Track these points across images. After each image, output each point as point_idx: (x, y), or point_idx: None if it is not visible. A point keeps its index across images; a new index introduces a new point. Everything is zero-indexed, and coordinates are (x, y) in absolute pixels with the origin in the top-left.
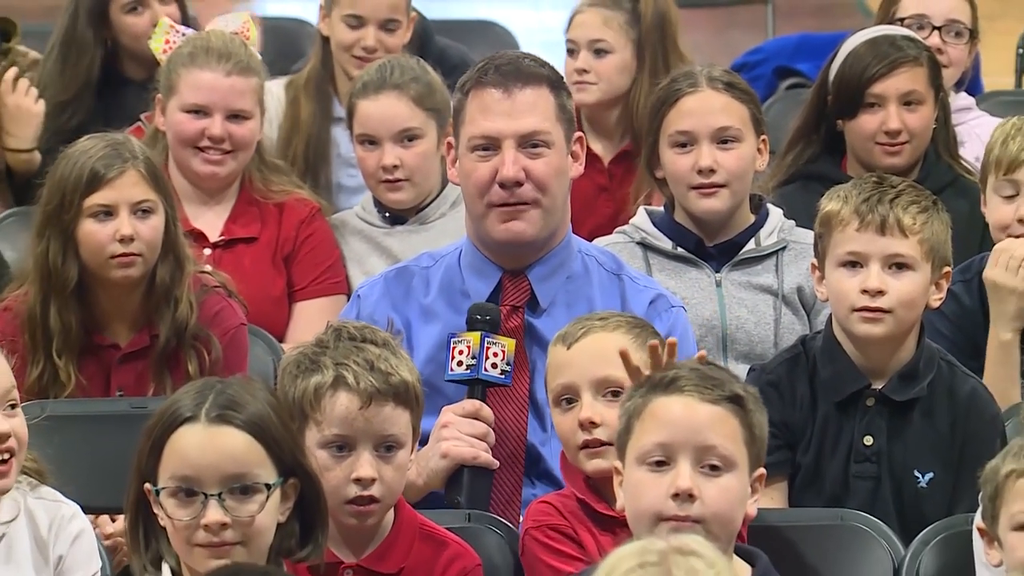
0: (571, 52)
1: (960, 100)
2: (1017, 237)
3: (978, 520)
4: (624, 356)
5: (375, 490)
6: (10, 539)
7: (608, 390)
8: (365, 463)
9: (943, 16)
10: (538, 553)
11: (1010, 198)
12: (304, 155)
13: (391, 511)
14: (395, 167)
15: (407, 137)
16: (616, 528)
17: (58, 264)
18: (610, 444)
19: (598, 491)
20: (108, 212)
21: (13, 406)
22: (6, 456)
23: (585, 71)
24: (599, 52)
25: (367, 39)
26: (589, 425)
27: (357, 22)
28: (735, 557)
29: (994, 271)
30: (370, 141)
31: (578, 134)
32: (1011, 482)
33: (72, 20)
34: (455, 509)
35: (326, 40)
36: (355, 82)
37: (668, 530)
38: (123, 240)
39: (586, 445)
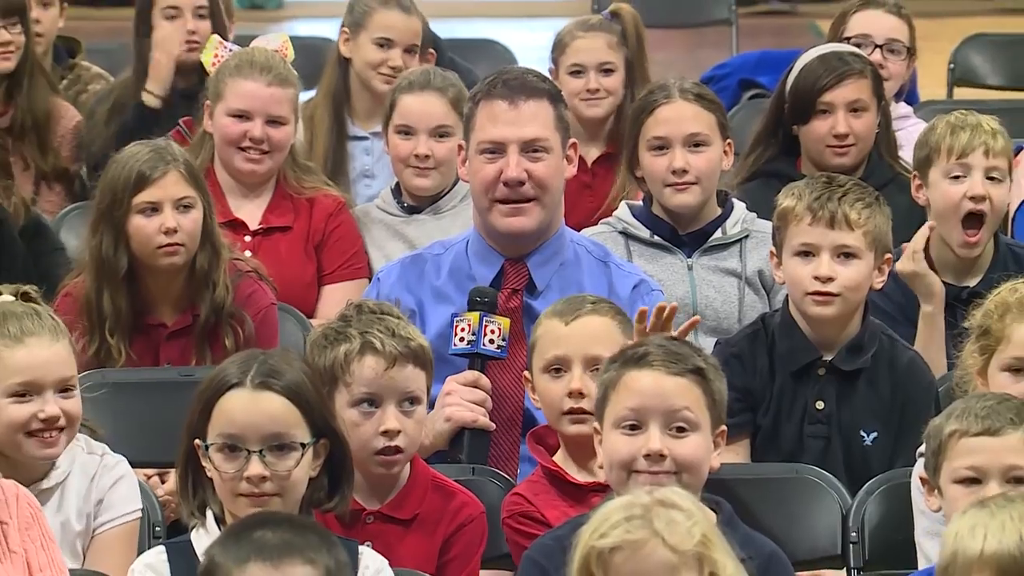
0: (576, 73)
1: (899, 109)
2: (967, 215)
3: (920, 471)
4: None
5: (400, 441)
6: (63, 491)
7: (595, 367)
8: (391, 417)
9: (884, 36)
10: (514, 538)
11: (958, 178)
12: (322, 169)
13: (407, 465)
14: (427, 156)
15: (440, 133)
16: (582, 496)
17: (110, 254)
18: (591, 413)
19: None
20: (154, 208)
21: (68, 390)
22: (55, 432)
23: (597, 90)
24: (607, 71)
25: (394, 60)
26: (578, 395)
27: (387, 44)
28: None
29: (900, 263)
30: (407, 131)
31: (572, 140)
32: (954, 441)
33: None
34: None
35: (344, 61)
36: (400, 80)
37: (641, 483)
38: (167, 232)
39: (571, 412)
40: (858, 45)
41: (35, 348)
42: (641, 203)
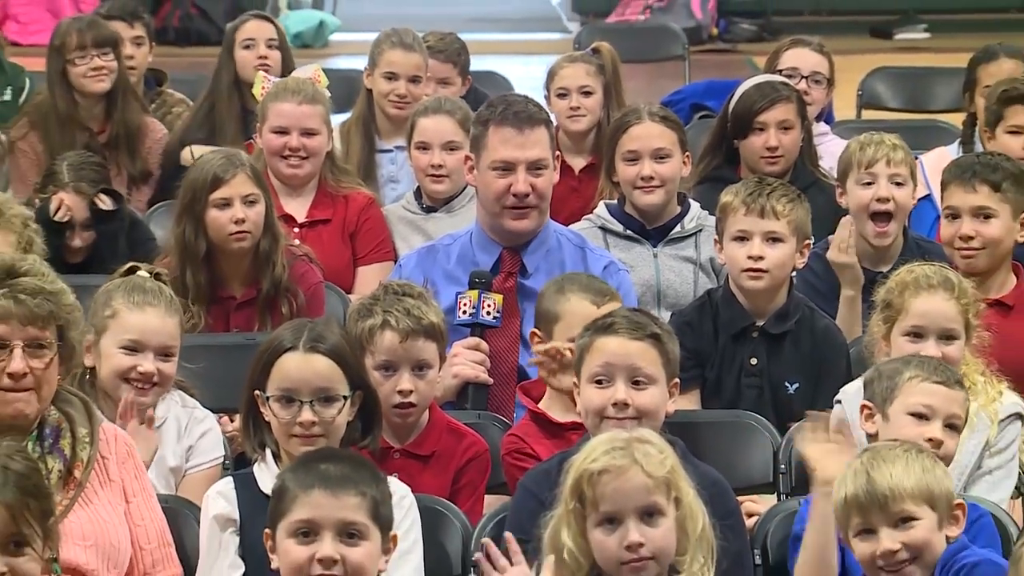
0: (562, 95)
1: (819, 127)
2: (872, 215)
3: (863, 400)
4: None
5: (412, 398)
6: (160, 434)
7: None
8: (405, 380)
9: (810, 69)
10: (511, 471)
11: (868, 184)
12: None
13: (426, 411)
14: (440, 166)
15: (451, 147)
16: (562, 433)
17: (191, 240)
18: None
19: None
20: (226, 203)
21: (167, 355)
22: (148, 386)
23: (578, 108)
24: (586, 93)
25: (399, 89)
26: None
27: (392, 77)
28: None
29: (832, 254)
30: (424, 147)
31: (557, 152)
32: (914, 383)
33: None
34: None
35: (369, 91)
36: (418, 106)
37: (610, 428)
38: (237, 222)
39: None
40: (789, 76)
41: (150, 316)
42: (616, 203)
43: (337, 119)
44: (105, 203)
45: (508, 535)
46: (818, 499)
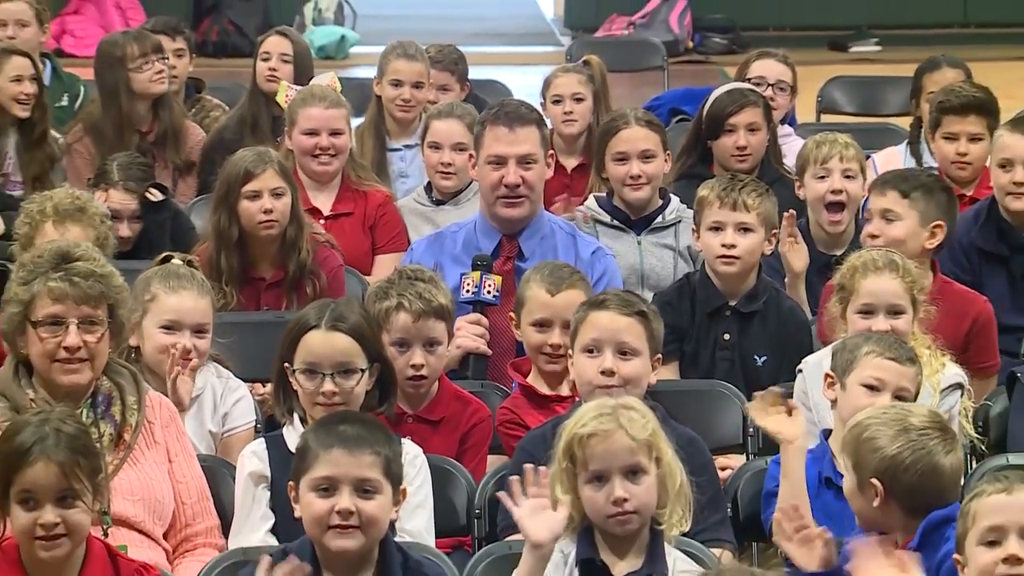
0: (556, 102)
1: (783, 129)
2: (826, 205)
3: (827, 370)
4: None
5: (423, 372)
6: (200, 402)
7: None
8: (417, 355)
9: (775, 78)
10: (505, 439)
11: (823, 178)
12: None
13: (436, 382)
14: (449, 164)
15: (459, 148)
16: (548, 404)
17: (226, 227)
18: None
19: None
20: (256, 195)
21: (202, 332)
22: (185, 361)
23: (571, 112)
24: (578, 100)
25: (404, 94)
26: (556, 347)
27: (397, 83)
28: None
29: (780, 246)
30: (436, 146)
31: (551, 151)
32: (869, 357)
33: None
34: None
35: (379, 97)
36: (432, 110)
37: (598, 395)
38: (266, 212)
39: (547, 353)
40: (756, 84)
41: (185, 298)
42: (605, 197)
43: (354, 123)
44: (155, 195)
45: (542, 470)
46: (789, 456)
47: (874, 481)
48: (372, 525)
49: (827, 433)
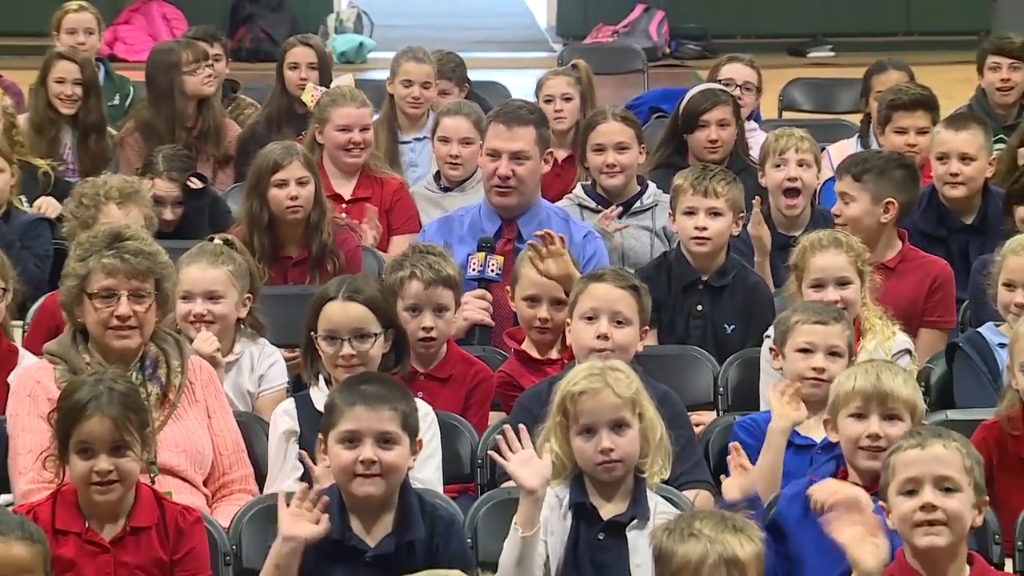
0: (548, 101)
1: (749, 124)
2: (784, 191)
3: (769, 345)
4: None
5: (433, 334)
6: (239, 365)
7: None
8: (427, 319)
9: (743, 79)
10: (503, 400)
11: (780, 167)
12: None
13: (445, 344)
14: (457, 156)
15: (466, 142)
16: (541, 368)
17: (257, 212)
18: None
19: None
20: (284, 183)
21: (215, 298)
22: (202, 325)
23: (560, 111)
24: (567, 99)
25: (414, 93)
26: (544, 320)
27: (408, 83)
28: None
29: (749, 227)
30: (445, 140)
31: (548, 150)
32: (799, 325)
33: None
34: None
35: (391, 96)
36: (442, 107)
37: (593, 358)
38: (292, 198)
39: (536, 327)
40: (727, 85)
41: (193, 269)
42: (590, 184)
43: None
44: (195, 184)
45: (521, 427)
46: (776, 433)
47: None
48: (392, 472)
49: None
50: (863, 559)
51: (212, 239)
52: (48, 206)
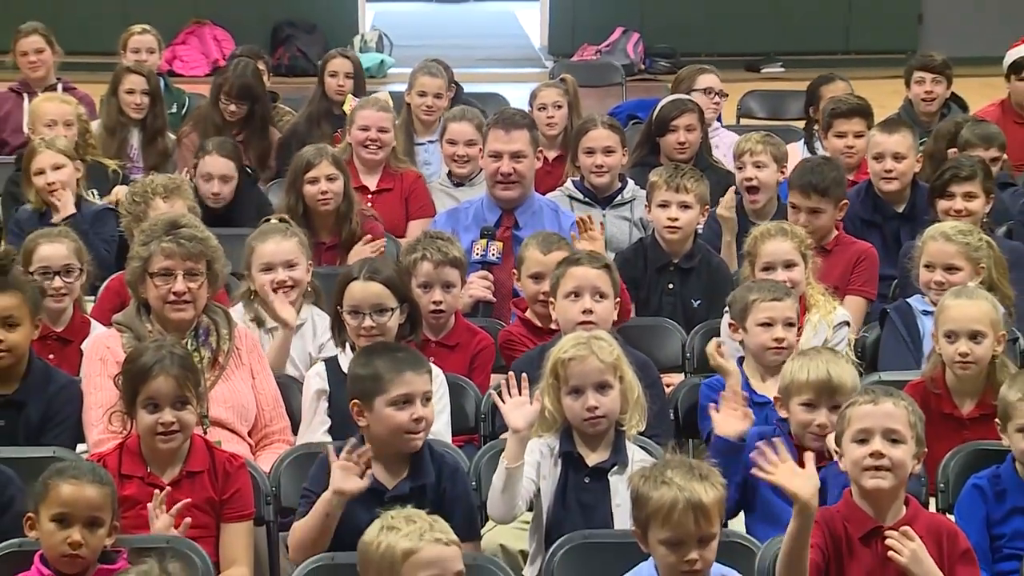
0: (541, 109)
1: (714, 126)
2: (746, 189)
3: (728, 320)
4: None
5: (442, 307)
6: (303, 330)
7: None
8: (437, 294)
9: (717, 87)
10: (506, 354)
11: (741, 168)
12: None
13: (452, 316)
14: (463, 156)
15: (470, 143)
16: (540, 333)
17: (293, 205)
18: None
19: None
20: (315, 180)
21: (293, 266)
22: (286, 289)
23: (552, 118)
24: (557, 107)
25: (428, 102)
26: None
27: (423, 94)
28: None
29: (719, 209)
30: (452, 142)
31: (540, 148)
32: (757, 303)
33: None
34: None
35: (408, 104)
36: (448, 113)
37: (578, 330)
38: (323, 192)
39: (540, 301)
40: (706, 92)
41: (269, 243)
42: (578, 180)
43: None
44: (250, 170)
45: (524, 375)
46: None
47: None
48: (430, 426)
49: (740, 359)
50: (799, 491)
51: (268, 219)
52: (122, 194)
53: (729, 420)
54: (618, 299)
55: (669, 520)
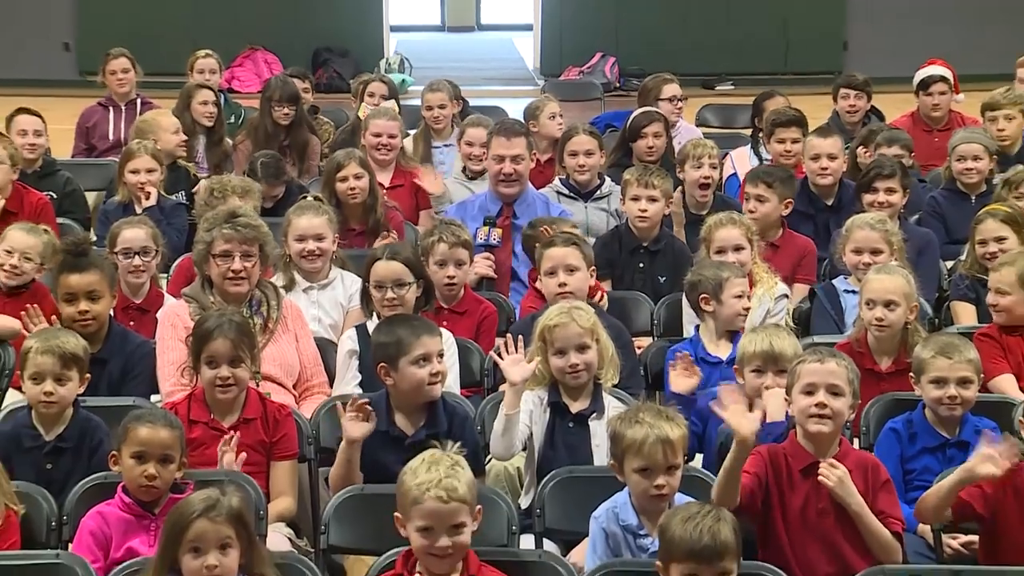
0: (552, 117)
1: (677, 126)
2: (700, 185)
3: (702, 294)
4: None
5: (454, 280)
6: (333, 284)
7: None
8: (451, 270)
9: (681, 95)
10: (523, 312)
11: (697, 168)
12: (421, 162)
13: (462, 288)
14: (479, 156)
15: (483, 146)
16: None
17: (327, 198)
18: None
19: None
20: (345, 178)
21: (321, 239)
22: (313, 256)
23: (560, 125)
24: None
25: (434, 114)
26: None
27: (429, 107)
28: None
29: (674, 207)
30: (470, 144)
31: (533, 151)
32: (730, 280)
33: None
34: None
35: (423, 118)
36: (466, 121)
37: (559, 301)
38: (351, 188)
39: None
40: (671, 99)
41: (303, 219)
42: (564, 178)
43: (411, 131)
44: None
45: (520, 337)
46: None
47: None
48: (446, 378)
49: (697, 326)
50: (740, 428)
51: (304, 197)
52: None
53: (680, 379)
54: (592, 268)
55: (641, 452)
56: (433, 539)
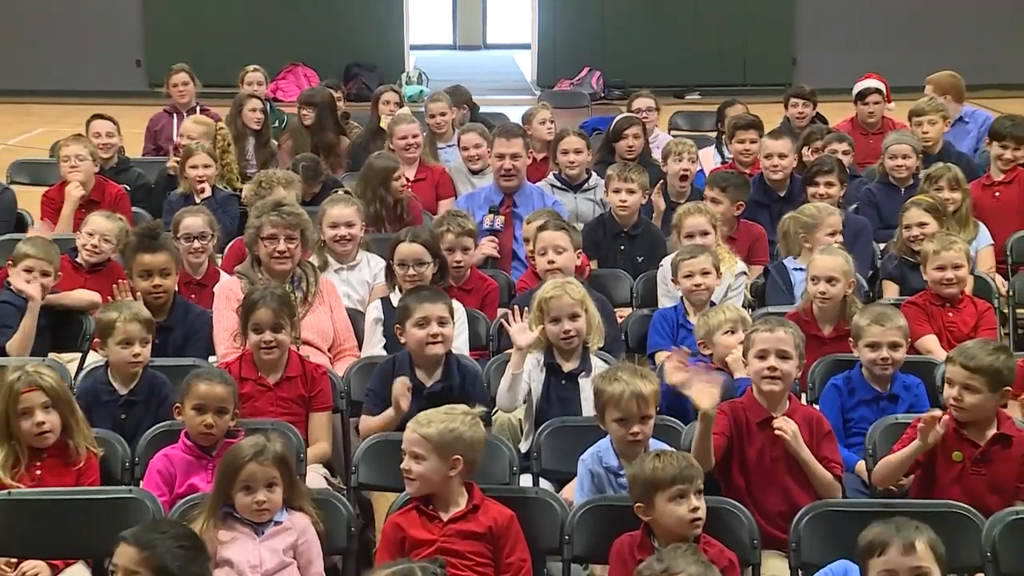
0: (542, 122)
1: (654, 134)
2: (680, 177)
3: (663, 272)
4: None
5: (461, 264)
6: (360, 264)
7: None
8: (457, 256)
9: (649, 106)
10: (519, 289)
11: (678, 161)
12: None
13: (470, 269)
14: (477, 154)
15: (478, 146)
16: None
17: (370, 197)
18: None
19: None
20: (397, 178)
21: (350, 225)
22: (344, 240)
23: (551, 129)
24: (544, 123)
25: (436, 120)
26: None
27: (432, 115)
28: None
29: (653, 196)
30: (465, 148)
31: (530, 151)
32: (683, 261)
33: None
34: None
35: (428, 124)
36: (464, 126)
37: (550, 277)
38: (402, 185)
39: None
40: (647, 108)
41: (334, 209)
42: (558, 173)
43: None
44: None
45: (524, 308)
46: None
47: None
48: (448, 340)
49: (682, 297)
50: (700, 402)
51: (337, 191)
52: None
53: (676, 373)
54: (579, 250)
55: (619, 405)
56: None
